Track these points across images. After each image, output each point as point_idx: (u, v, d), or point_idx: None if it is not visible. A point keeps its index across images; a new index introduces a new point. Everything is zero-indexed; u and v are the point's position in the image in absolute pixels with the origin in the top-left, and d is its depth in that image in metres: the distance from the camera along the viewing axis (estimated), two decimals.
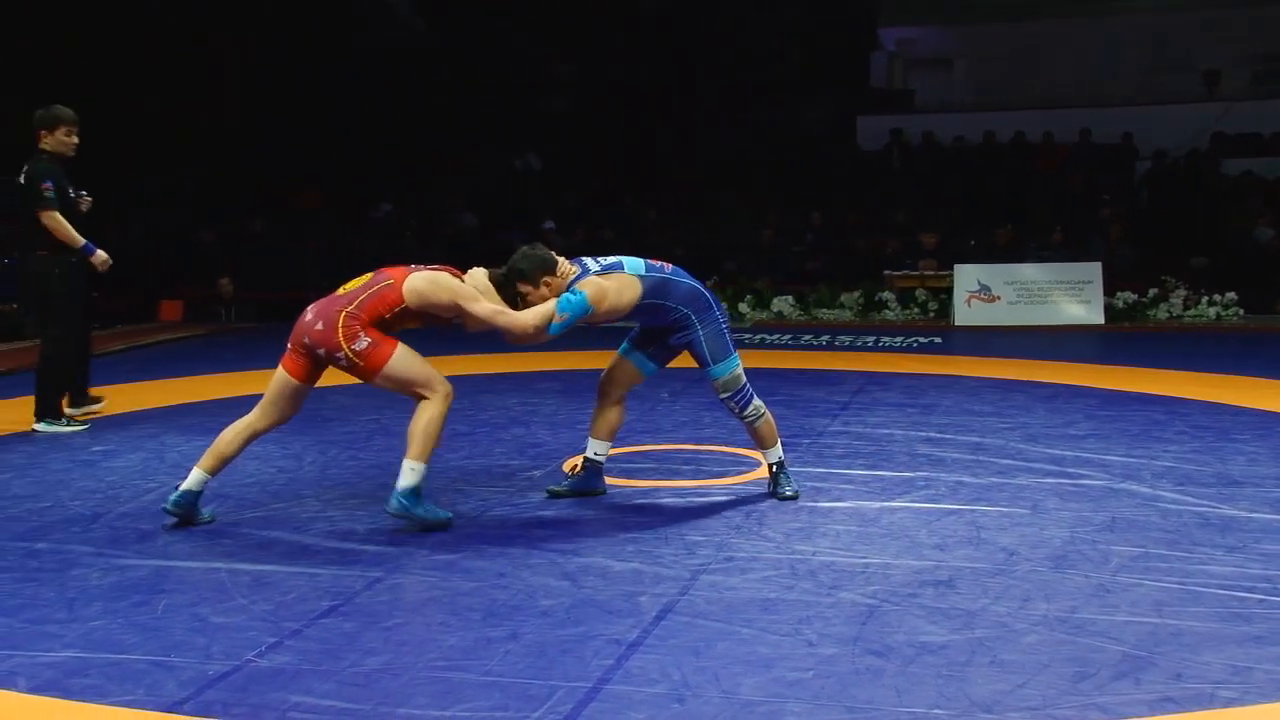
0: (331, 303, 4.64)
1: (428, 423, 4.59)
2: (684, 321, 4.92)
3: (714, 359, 4.95)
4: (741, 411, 5.05)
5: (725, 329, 5.01)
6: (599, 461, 5.24)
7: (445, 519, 4.71)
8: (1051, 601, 3.82)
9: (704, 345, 4.93)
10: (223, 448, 4.75)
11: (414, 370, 4.61)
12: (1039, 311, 12.02)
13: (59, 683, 3.26)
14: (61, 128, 6.89)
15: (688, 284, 4.95)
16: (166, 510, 4.74)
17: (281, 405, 4.76)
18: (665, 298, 4.87)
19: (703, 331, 4.93)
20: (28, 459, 6.12)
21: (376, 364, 4.55)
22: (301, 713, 3.06)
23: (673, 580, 4.08)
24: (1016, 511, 4.90)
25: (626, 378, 5.13)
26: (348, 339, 4.53)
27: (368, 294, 4.62)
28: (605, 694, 3.15)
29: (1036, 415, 7.01)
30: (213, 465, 4.75)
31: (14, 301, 11.42)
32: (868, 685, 3.20)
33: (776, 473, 5.20)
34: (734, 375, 4.99)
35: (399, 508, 4.61)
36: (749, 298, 13.02)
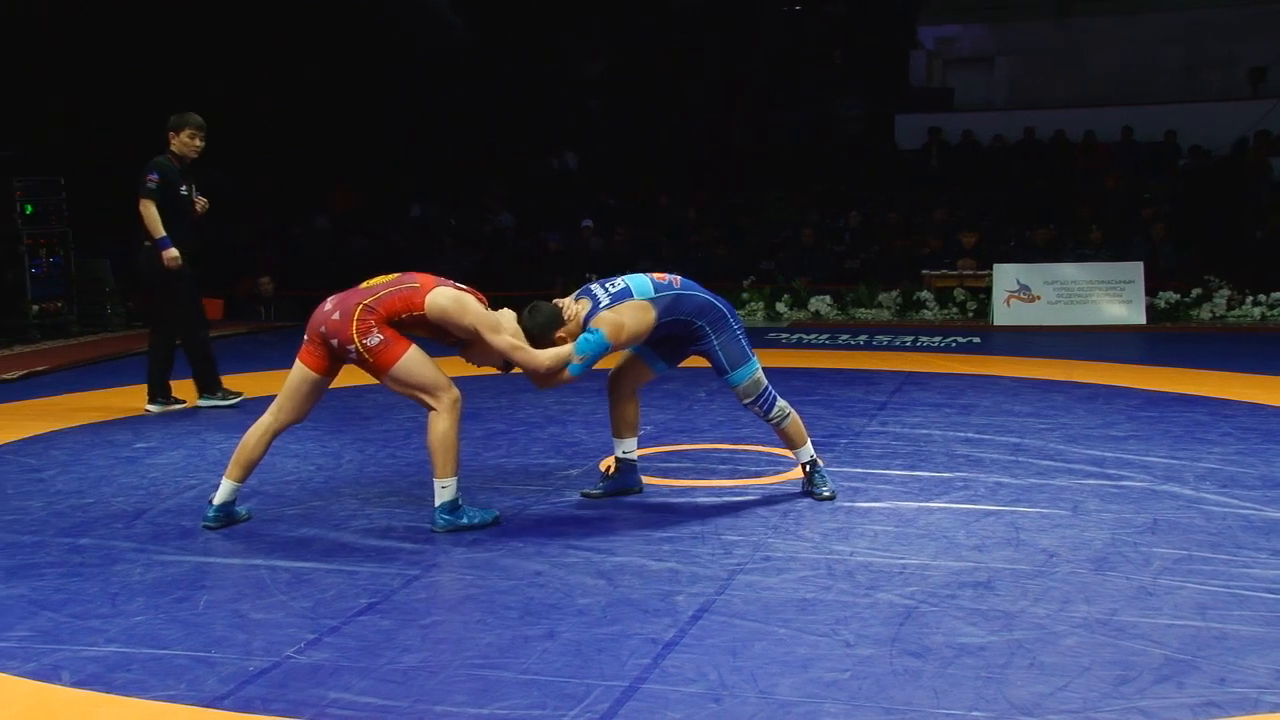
0: (351, 295, 4.63)
1: (442, 436, 4.58)
2: (700, 333, 4.93)
3: (732, 365, 4.95)
4: (767, 414, 5.04)
5: (741, 334, 5.01)
6: (631, 459, 5.24)
7: (492, 519, 4.73)
8: (1092, 604, 3.78)
9: (720, 353, 4.94)
10: (247, 454, 4.76)
11: (423, 374, 4.58)
12: (1079, 311, 11.91)
13: (102, 677, 3.30)
14: (186, 131, 7.26)
15: (700, 297, 4.95)
16: (207, 526, 4.76)
17: (298, 400, 4.76)
18: (679, 314, 4.88)
19: (718, 340, 4.94)
20: (71, 455, 6.20)
21: (386, 362, 4.54)
22: (340, 709, 3.08)
23: (709, 580, 4.07)
24: (1056, 513, 4.86)
25: (637, 376, 5.15)
26: (360, 333, 4.52)
27: (389, 290, 4.60)
28: (642, 693, 3.15)
29: (1076, 416, 6.94)
30: (240, 474, 4.78)
31: (59, 300, 11.59)
32: (905, 686, 3.18)
33: (811, 472, 5.18)
34: (754, 380, 4.98)
35: (444, 524, 4.64)
36: (786, 297, 12.97)
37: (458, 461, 4.66)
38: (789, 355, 9.95)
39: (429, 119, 17.51)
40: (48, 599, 3.97)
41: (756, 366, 5.01)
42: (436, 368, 4.63)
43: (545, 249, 15.02)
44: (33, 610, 3.86)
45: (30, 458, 6.17)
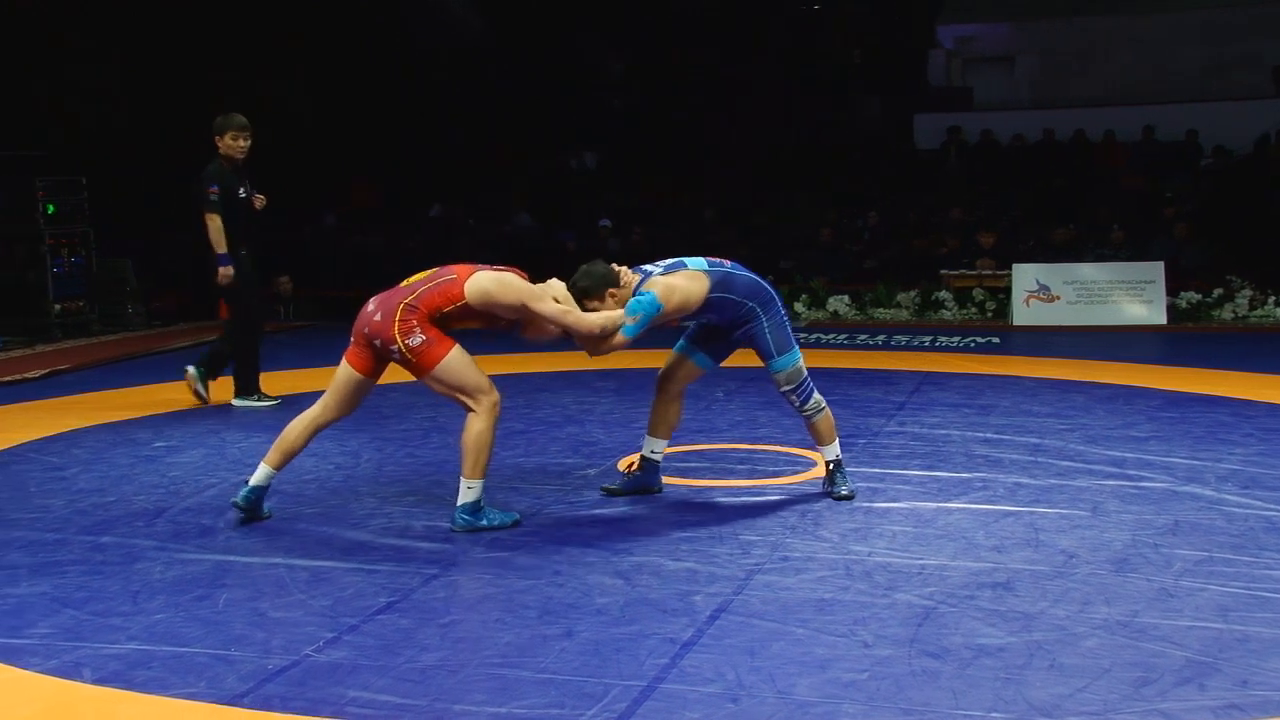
0: (393, 294, 4.65)
1: (477, 437, 4.59)
2: (750, 315, 4.93)
3: (778, 350, 4.96)
4: (803, 405, 5.05)
5: (786, 321, 5.03)
6: (656, 460, 5.25)
7: (512, 521, 4.73)
8: (1112, 605, 3.77)
9: (769, 337, 4.94)
10: (288, 443, 4.79)
11: (465, 375, 4.59)
12: (1099, 312, 11.84)
13: (123, 674, 3.32)
14: (229, 132, 7.31)
15: (749, 277, 4.97)
16: (236, 505, 4.80)
17: (345, 399, 4.79)
18: (731, 291, 4.87)
19: (767, 323, 4.94)
20: (93, 454, 6.24)
21: (428, 362, 4.55)
22: (358, 708, 3.09)
23: (727, 580, 4.07)
24: (1076, 513, 4.84)
25: (685, 374, 5.15)
26: (403, 333, 4.54)
27: (428, 287, 4.61)
28: (660, 693, 3.15)
29: (1096, 416, 6.91)
30: (279, 460, 4.80)
31: (80, 299, 11.66)
32: (924, 687, 3.17)
33: (833, 471, 5.17)
34: (797, 368, 5.00)
35: (463, 524, 4.65)
36: (804, 297, 12.95)
37: (488, 465, 4.67)
38: (807, 355, 9.81)
39: (448, 118, 17.53)
40: (70, 596, 3.99)
41: (799, 355, 5.02)
42: (478, 370, 4.64)
43: (564, 249, 15.03)
44: (55, 608, 3.88)
45: (53, 456, 6.21)
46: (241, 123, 7.36)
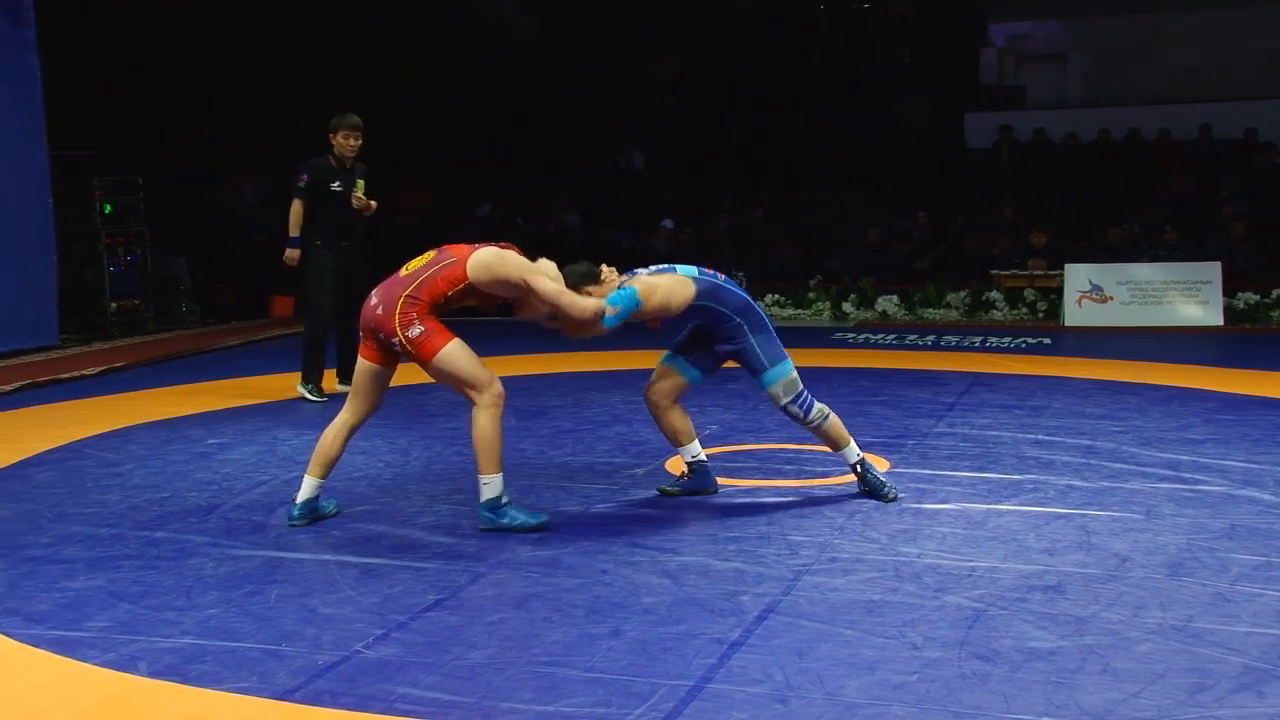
0: (393, 285, 4.64)
1: (482, 431, 4.57)
2: (736, 331, 4.93)
3: (770, 362, 4.92)
4: (806, 416, 4.98)
5: (774, 335, 5.02)
6: (702, 461, 5.24)
7: (538, 522, 4.66)
8: (1167, 610, 3.71)
9: (757, 351, 4.93)
10: (326, 450, 4.80)
11: (465, 366, 4.57)
12: (1154, 312, 11.68)
13: (178, 668, 3.37)
14: (340, 131, 7.63)
15: (740, 295, 4.98)
16: (293, 523, 4.80)
17: (367, 394, 4.79)
18: (719, 303, 4.90)
19: (755, 339, 4.93)
20: (148, 450, 6.33)
21: (428, 353, 4.54)
22: (407, 704, 3.11)
23: (775, 580, 4.06)
24: (1129, 517, 4.77)
25: (671, 387, 5.13)
26: (403, 325, 4.53)
27: (429, 274, 4.61)
28: (707, 693, 3.15)
29: (1151, 418, 6.81)
30: (321, 470, 4.82)
31: (136, 298, 11.84)
32: (974, 690, 3.14)
33: (864, 473, 5.12)
34: (790, 379, 4.96)
35: (487, 523, 4.64)
36: (853, 297, 12.88)
37: (500, 457, 4.62)
38: (856, 355, 9.88)
39: (497, 119, 17.61)
40: (125, 591, 4.05)
41: (792, 367, 4.99)
42: (479, 362, 4.62)
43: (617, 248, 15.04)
44: (112, 602, 3.94)
45: (109, 452, 6.31)
46: (353, 122, 7.65)
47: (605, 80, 18.26)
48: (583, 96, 17.98)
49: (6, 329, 9.98)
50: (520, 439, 6.47)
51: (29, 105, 10.26)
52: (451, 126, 17.42)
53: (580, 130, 17.95)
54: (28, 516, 5.04)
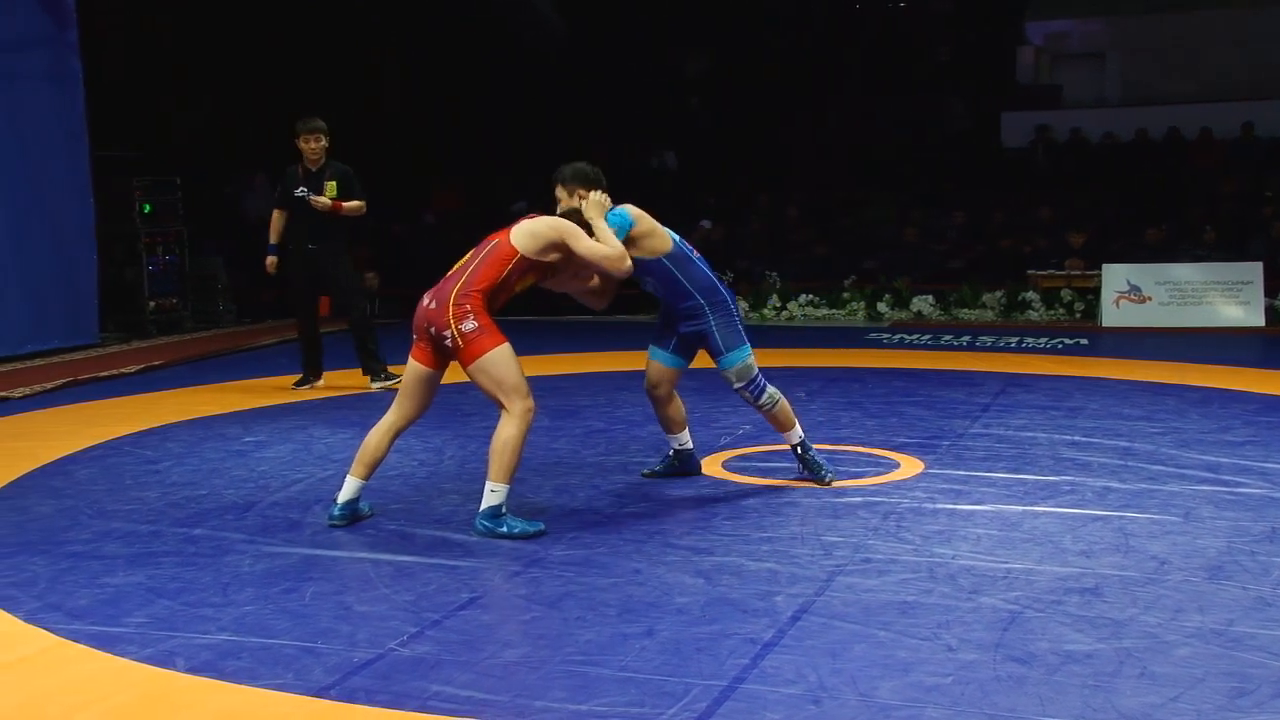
0: (445, 283, 4.67)
1: (506, 442, 4.55)
2: (697, 311, 5.13)
3: (726, 348, 5.13)
4: (757, 400, 5.21)
5: (737, 319, 5.21)
6: (687, 449, 5.54)
7: (534, 531, 4.62)
8: (1206, 613, 3.67)
9: (716, 335, 5.13)
10: (370, 452, 4.80)
11: (507, 373, 4.56)
12: (1193, 313, 11.57)
13: (214, 664, 3.40)
14: (301, 136, 7.85)
15: (707, 275, 5.17)
16: (333, 523, 4.80)
17: (416, 396, 4.79)
18: (684, 275, 5.10)
19: (715, 321, 5.13)
20: (186, 448, 6.39)
21: (478, 350, 4.53)
22: (441, 701, 3.12)
23: (809, 581, 4.05)
24: (1168, 519, 4.73)
25: (661, 377, 5.35)
26: (457, 318, 4.54)
27: (476, 263, 4.64)
28: (740, 693, 3.14)
29: (1190, 420, 6.74)
30: (365, 471, 4.82)
31: (174, 297, 11.96)
32: (1010, 693, 3.12)
33: (805, 456, 5.35)
34: (746, 364, 5.16)
35: (482, 530, 4.59)
36: (887, 297, 12.82)
37: (515, 470, 4.62)
38: (890, 355, 9.84)
39: (531, 117, 17.65)
40: (164, 587, 4.09)
41: (749, 351, 5.19)
42: (522, 373, 4.62)
43: None
44: (150, 598, 3.98)
45: (148, 449, 6.37)
46: (312, 126, 7.82)
47: (638, 79, 18.26)
48: (616, 95, 17.99)
49: (48, 328, 10.11)
50: (553, 438, 6.48)
51: (71, 107, 10.39)
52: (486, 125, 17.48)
53: (613, 129, 17.96)
54: (69, 512, 5.10)
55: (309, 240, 7.87)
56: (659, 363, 5.33)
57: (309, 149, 7.83)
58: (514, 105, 17.65)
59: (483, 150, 17.19)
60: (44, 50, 10.16)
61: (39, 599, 3.98)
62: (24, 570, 4.30)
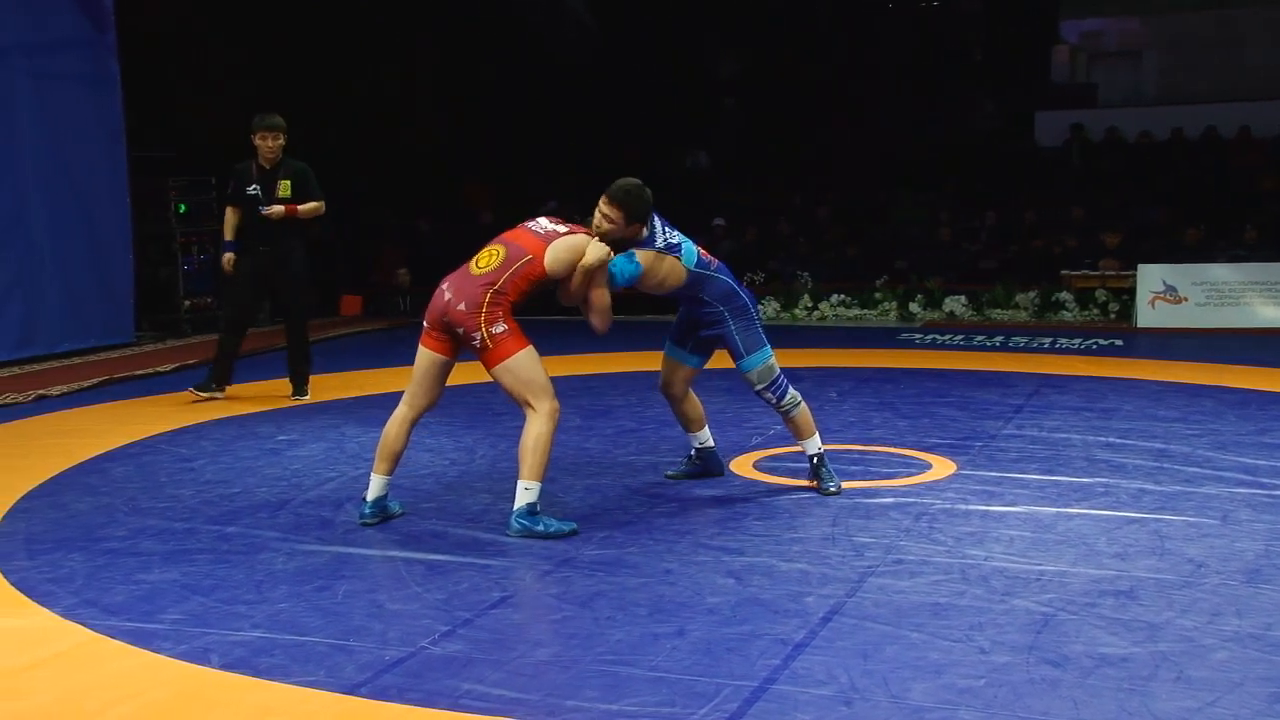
0: (471, 282, 4.65)
1: (537, 439, 4.57)
2: (717, 317, 5.12)
3: (746, 350, 5.12)
4: (779, 402, 5.18)
5: (757, 322, 5.21)
6: (708, 447, 5.52)
7: (568, 530, 4.63)
8: (1244, 617, 3.63)
9: (736, 338, 5.12)
10: (389, 445, 4.82)
11: (532, 375, 4.60)
12: (1230, 314, 11.45)
13: (248, 661, 3.42)
14: (258, 133, 7.64)
15: (726, 282, 5.15)
16: (364, 522, 4.82)
17: (428, 386, 4.81)
18: (702, 292, 5.09)
19: (734, 325, 5.12)
20: (219, 446, 6.43)
21: (505, 353, 4.56)
22: (473, 700, 3.13)
23: (840, 582, 4.03)
24: (1204, 522, 4.68)
25: (677, 375, 5.37)
26: (488, 321, 4.56)
27: (510, 273, 4.64)
28: (772, 694, 3.13)
29: (1227, 422, 6.67)
30: (387, 466, 4.85)
31: (209, 296, 12.05)
32: (1043, 695, 3.10)
33: (818, 465, 5.28)
34: (767, 366, 5.14)
35: (519, 529, 4.59)
36: (920, 297, 12.76)
37: (546, 468, 4.63)
38: (922, 356, 9.79)
39: (564, 117, 17.68)
40: (198, 584, 4.13)
41: (770, 354, 5.17)
42: (546, 375, 4.65)
43: None
44: (184, 595, 4.02)
45: (182, 447, 6.43)
46: (269, 124, 7.61)
47: (672, 79, 18.25)
48: (649, 95, 17.99)
49: (85, 326, 10.22)
50: (585, 438, 6.49)
51: (109, 107, 10.50)
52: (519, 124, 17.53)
53: (647, 129, 17.96)
54: (105, 510, 5.15)
55: (260, 241, 7.65)
56: (675, 360, 5.34)
57: (265, 147, 7.59)
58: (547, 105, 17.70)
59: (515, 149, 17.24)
60: (83, 52, 10.27)
61: (76, 595, 4.03)
62: (62, 566, 4.35)
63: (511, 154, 17.24)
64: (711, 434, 5.58)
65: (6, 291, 9.52)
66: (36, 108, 9.78)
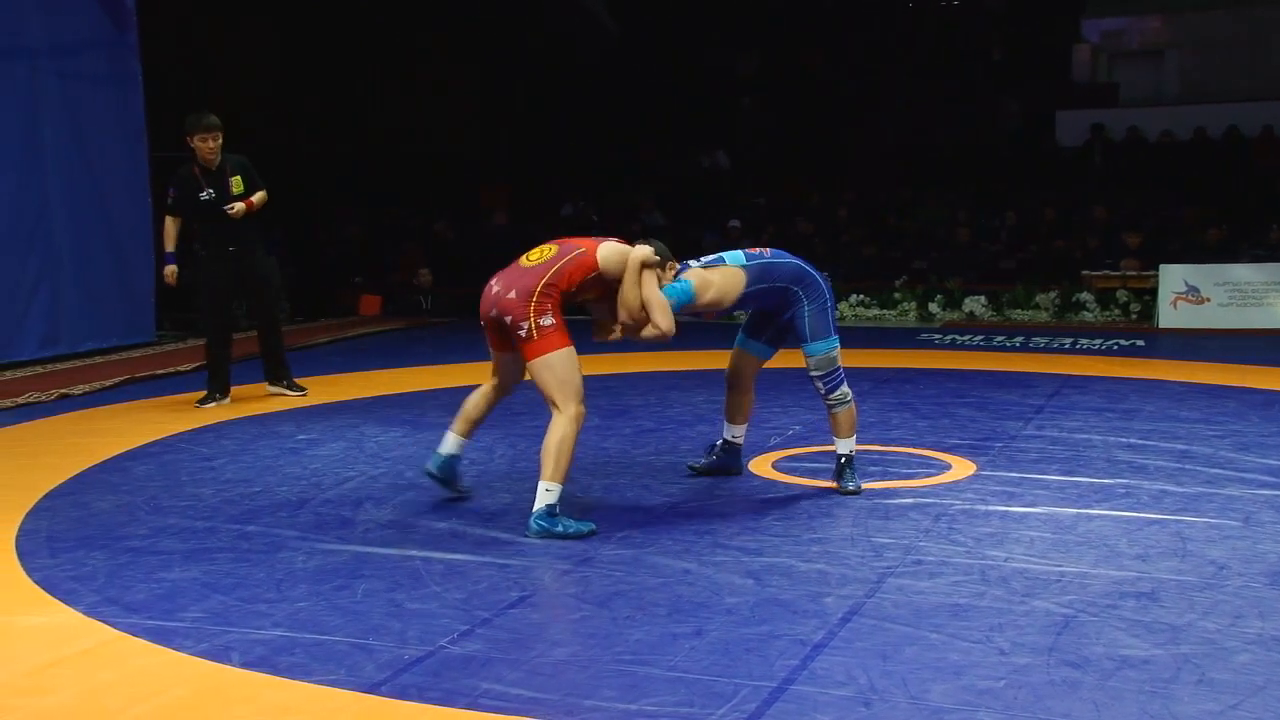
0: (523, 275, 4.67)
1: (559, 442, 4.57)
2: (794, 299, 5.09)
3: (813, 336, 5.09)
4: (829, 393, 5.15)
5: (830, 309, 5.16)
6: (737, 444, 5.50)
7: (587, 531, 4.62)
8: (1267, 619, 3.61)
9: (806, 321, 5.09)
10: (467, 407, 4.99)
11: (567, 375, 4.60)
12: (1253, 314, 11.38)
13: (268, 659, 3.43)
14: (197, 134, 7.43)
15: (792, 263, 5.13)
16: (430, 473, 4.98)
17: (501, 373, 4.96)
18: (773, 279, 5.04)
19: (808, 307, 5.08)
20: (240, 445, 6.46)
21: (547, 347, 4.58)
22: (491, 699, 3.13)
23: (859, 582, 4.02)
24: (1227, 523, 4.65)
25: (748, 367, 5.38)
26: (538, 312, 4.58)
27: (562, 263, 4.68)
28: (790, 694, 3.13)
29: (1250, 423, 6.63)
30: (461, 426, 5.02)
31: None
32: (1064, 697, 3.08)
33: (844, 465, 5.25)
34: (829, 355, 5.10)
35: (538, 530, 4.59)
36: (939, 297, 12.72)
37: (568, 470, 4.65)
38: (942, 356, 9.76)
39: (583, 118, 17.70)
40: (218, 583, 4.14)
41: (837, 344, 5.14)
42: (581, 378, 4.66)
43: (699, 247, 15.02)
44: (205, 593, 4.04)
45: (203, 446, 6.46)
46: (207, 123, 7.38)
47: (691, 79, 18.25)
48: (668, 95, 17.99)
49: (107, 326, 10.29)
50: (604, 438, 6.49)
51: (131, 108, 10.56)
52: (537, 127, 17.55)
53: (665, 129, 17.97)
54: (127, 508, 5.18)
55: (227, 243, 7.52)
56: (748, 352, 5.32)
57: (206, 148, 7.37)
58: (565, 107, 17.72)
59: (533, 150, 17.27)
60: (104, 52, 10.33)
61: (98, 593, 4.05)
62: (84, 565, 4.37)
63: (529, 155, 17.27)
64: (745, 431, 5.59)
65: (29, 291, 9.59)
66: (58, 108, 9.84)
